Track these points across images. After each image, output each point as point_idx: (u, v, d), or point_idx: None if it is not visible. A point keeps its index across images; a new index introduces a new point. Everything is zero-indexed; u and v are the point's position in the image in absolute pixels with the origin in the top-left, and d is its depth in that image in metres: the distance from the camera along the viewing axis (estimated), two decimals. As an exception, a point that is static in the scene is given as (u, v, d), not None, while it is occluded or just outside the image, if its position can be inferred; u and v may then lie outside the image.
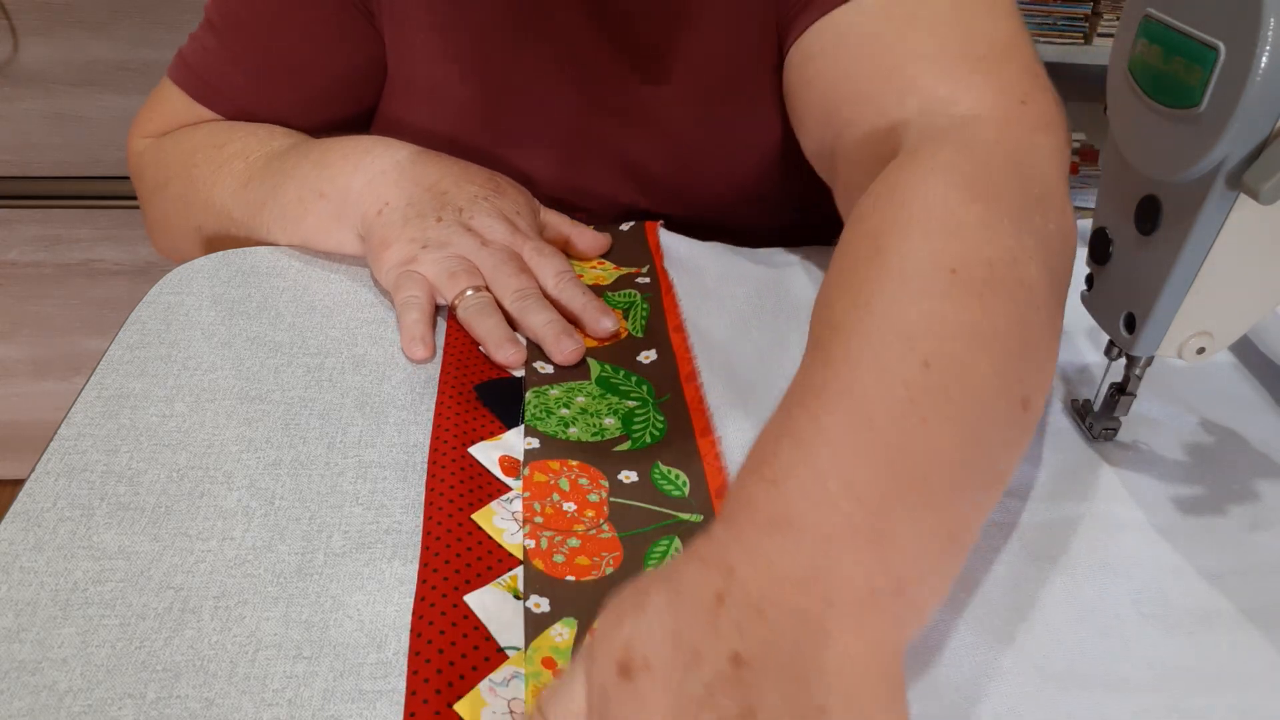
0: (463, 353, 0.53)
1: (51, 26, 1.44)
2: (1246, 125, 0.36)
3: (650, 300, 0.59)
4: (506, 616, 0.38)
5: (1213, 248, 0.40)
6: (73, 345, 1.71)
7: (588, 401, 0.51)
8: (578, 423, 0.49)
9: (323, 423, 0.49)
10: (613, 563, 0.41)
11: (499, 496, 0.44)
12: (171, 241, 0.71)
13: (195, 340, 0.55)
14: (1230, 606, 0.42)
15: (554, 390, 0.51)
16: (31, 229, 1.61)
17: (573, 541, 0.42)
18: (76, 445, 0.47)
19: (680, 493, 0.45)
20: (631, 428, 0.49)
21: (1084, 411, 0.51)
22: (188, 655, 0.38)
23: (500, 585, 0.40)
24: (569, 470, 0.46)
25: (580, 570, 0.41)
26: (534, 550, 0.41)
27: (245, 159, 0.65)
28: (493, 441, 0.47)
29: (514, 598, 0.39)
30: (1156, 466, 0.49)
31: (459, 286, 0.55)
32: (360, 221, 0.59)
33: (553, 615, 0.39)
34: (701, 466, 0.47)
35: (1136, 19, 0.41)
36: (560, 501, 0.44)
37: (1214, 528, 0.46)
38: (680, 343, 0.55)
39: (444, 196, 0.58)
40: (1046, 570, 0.43)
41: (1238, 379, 0.56)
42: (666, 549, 0.42)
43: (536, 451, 0.47)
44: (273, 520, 0.44)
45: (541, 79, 0.67)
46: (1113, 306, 0.46)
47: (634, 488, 0.45)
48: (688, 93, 0.67)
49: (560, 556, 0.41)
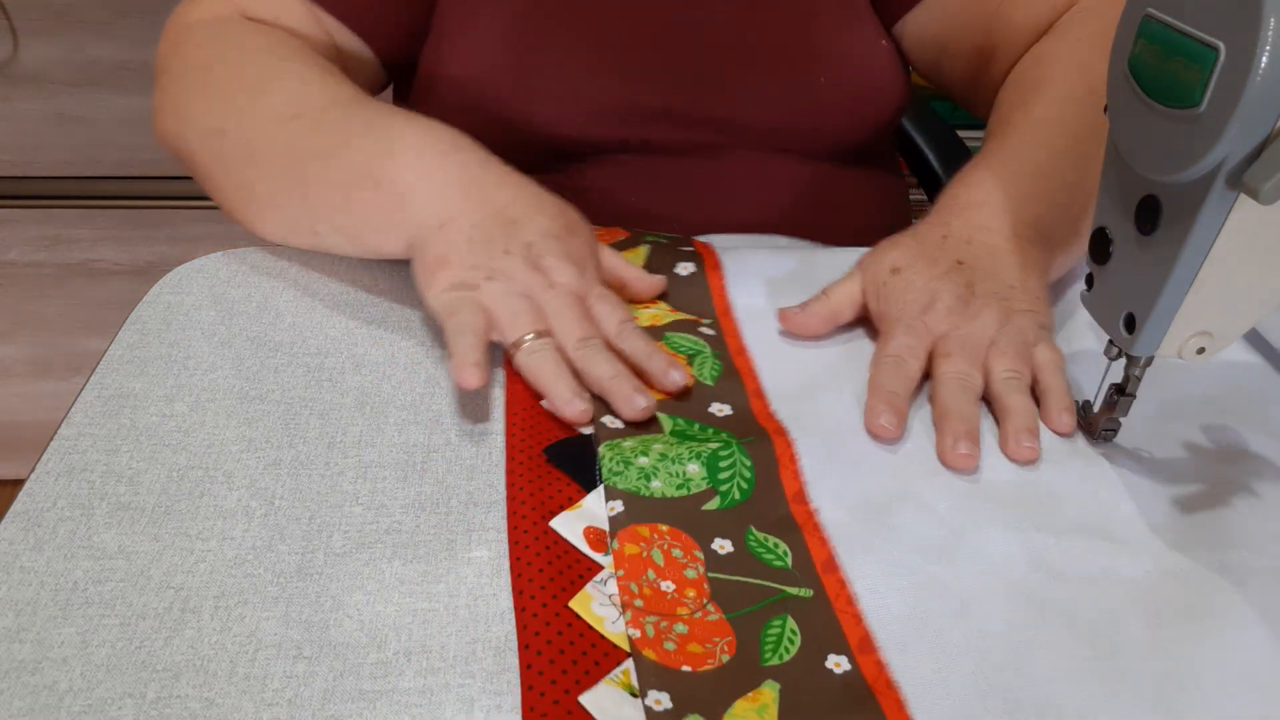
0: (526, 413, 0.51)
1: (51, 26, 1.44)
2: (1246, 125, 0.36)
3: (720, 357, 0.55)
4: (627, 716, 0.36)
5: (1213, 248, 0.40)
6: (73, 345, 1.71)
7: (666, 448, 0.48)
8: (659, 473, 0.46)
9: (323, 423, 0.49)
10: (727, 649, 0.39)
11: (591, 578, 0.42)
12: (177, 127, 0.64)
13: (195, 340, 0.55)
14: (1246, 604, 0.42)
15: (628, 442, 0.48)
16: (31, 229, 1.60)
17: (680, 627, 0.40)
18: (76, 445, 0.47)
19: (783, 563, 0.43)
20: (719, 478, 0.47)
21: (1084, 412, 0.51)
22: (188, 655, 0.38)
23: (613, 682, 0.38)
24: (660, 538, 0.43)
25: (695, 660, 0.38)
26: (641, 639, 0.39)
27: (303, 84, 0.61)
28: (574, 511, 0.45)
29: (630, 695, 0.37)
30: (1156, 467, 0.49)
31: (522, 329, 0.52)
32: (417, 230, 0.55)
33: (676, 712, 0.36)
34: (802, 537, 0.44)
35: (1136, 19, 0.41)
36: (657, 580, 0.42)
37: (1213, 527, 0.46)
38: (761, 408, 0.52)
39: (513, 226, 0.55)
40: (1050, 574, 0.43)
41: (1239, 379, 0.56)
42: (780, 631, 0.40)
43: (621, 517, 0.44)
44: (273, 520, 0.44)
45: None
46: (1113, 306, 0.45)
47: (731, 559, 0.43)
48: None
49: (671, 644, 0.39)
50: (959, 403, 0.51)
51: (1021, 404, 0.51)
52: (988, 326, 0.53)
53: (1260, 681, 0.39)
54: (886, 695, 0.37)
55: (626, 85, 0.71)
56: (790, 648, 0.39)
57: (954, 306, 0.54)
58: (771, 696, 0.37)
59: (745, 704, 0.37)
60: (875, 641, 0.39)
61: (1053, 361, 0.53)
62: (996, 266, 0.56)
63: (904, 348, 0.53)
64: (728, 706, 0.37)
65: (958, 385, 0.51)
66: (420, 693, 0.37)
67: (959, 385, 0.51)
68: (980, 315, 0.54)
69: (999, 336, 0.53)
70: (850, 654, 0.39)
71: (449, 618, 0.40)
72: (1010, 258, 0.56)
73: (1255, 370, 0.57)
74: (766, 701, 0.37)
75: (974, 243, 0.57)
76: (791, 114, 0.73)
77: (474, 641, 0.39)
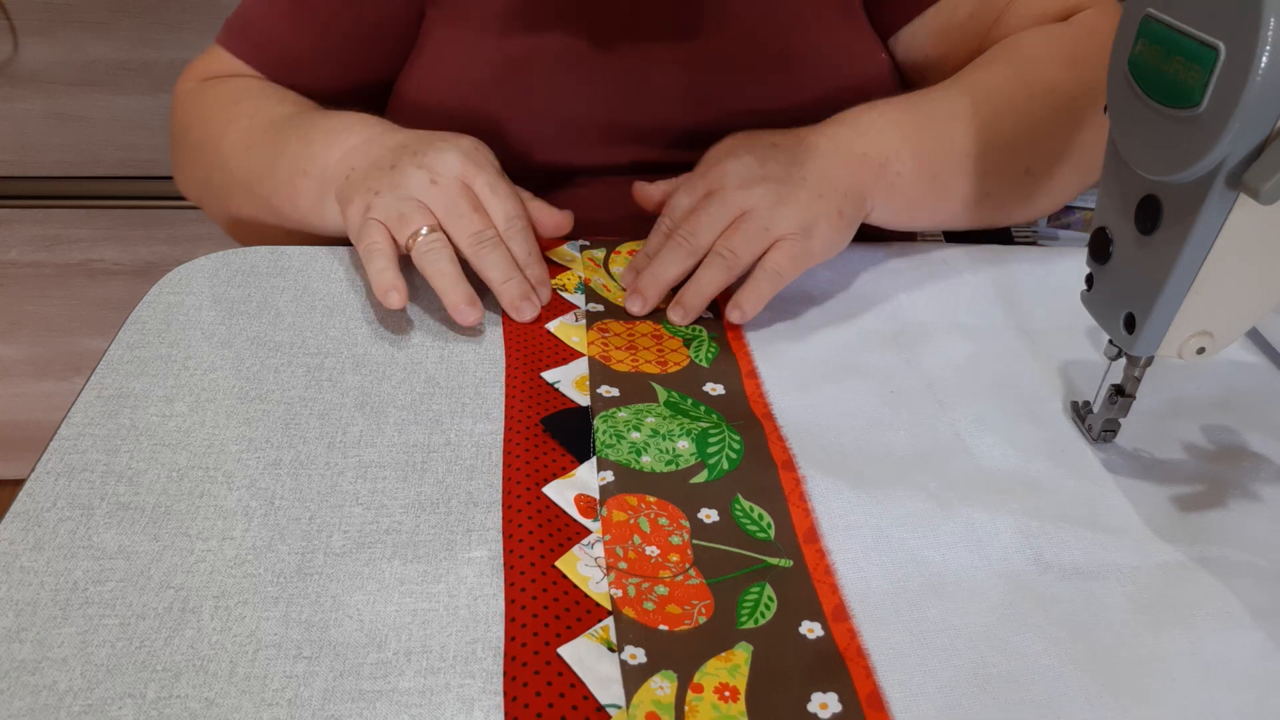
0: (526, 380, 0.52)
1: (51, 26, 1.44)
2: (1246, 125, 0.36)
3: (718, 340, 0.56)
4: (603, 670, 0.38)
5: (1213, 248, 0.40)
6: (73, 345, 1.70)
7: (658, 422, 0.49)
8: (650, 449, 0.48)
9: (323, 423, 0.49)
10: (704, 611, 0.40)
11: (579, 541, 0.43)
12: (187, 186, 0.74)
13: (195, 340, 0.55)
14: (1236, 600, 0.42)
15: (622, 413, 0.50)
16: (31, 229, 1.60)
17: (660, 589, 0.41)
18: (76, 445, 0.47)
19: (765, 534, 0.44)
20: (707, 452, 0.48)
21: (1084, 413, 0.51)
22: (188, 655, 0.38)
23: (592, 637, 0.39)
24: (647, 508, 0.45)
25: (672, 620, 0.40)
26: (622, 599, 0.40)
27: (251, 119, 0.66)
28: (566, 479, 0.46)
29: (608, 649, 0.38)
30: (1152, 464, 0.50)
31: (410, 227, 0.54)
32: (335, 191, 0.59)
33: (650, 667, 0.38)
34: (786, 506, 0.45)
35: (1136, 19, 0.41)
36: (642, 545, 0.43)
37: (1202, 523, 0.46)
38: (754, 389, 0.53)
39: (401, 148, 0.58)
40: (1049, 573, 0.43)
41: (1239, 379, 0.56)
42: (758, 597, 0.41)
43: (611, 486, 0.46)
44: (273, 520, 0.44)
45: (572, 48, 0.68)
46: (1113, 306, 0.46)
47: (716, 528, 0.44)
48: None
49: (650, 604, 0.40)
50: (660, 261, 0.57)
51: (704, 279, 0.56)
52: (751, 199, 0.56)
53: (1234, 673, 0.39)
54: (856, 663, 0.38)
55: (615, 106, 0.70)
56: (766, 613, 0.40)
57: (738, 175, 0.57)
58: (744, 658, 0.38)
59: (718, 663, 0.38)
60: (849, 610, 0.40)
61: (774, 264, 0.56)
62: (803, 159, 0.58)
63: (678, 206, 0.59)
64: (700, 665, 0.38)
65: (675, 241, 0.57)
66: (420, 693, 0.37)
67: (676, 242, 0.57)
68: (752, 189, 0.56)
69: (749, 219, 0.56)
70: (824, 621, 0.40)
71: (449, 618, 0.40)
72: (826, 162, 0.58)
73: (1255, 370, 0.57)
74: (739, 662, 0.38)
75: (802, 137, 0.60)
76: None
77: (474, 641, 0.39)
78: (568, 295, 0.59)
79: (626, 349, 0.55)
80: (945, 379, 0.55)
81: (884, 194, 0.60)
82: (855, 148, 0.60)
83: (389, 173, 0.56)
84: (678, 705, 0.36)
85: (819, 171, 0.58)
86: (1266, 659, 0.40)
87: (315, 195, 0.61)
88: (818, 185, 0.57)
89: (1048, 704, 0.37)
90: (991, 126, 0.62)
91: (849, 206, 0.59)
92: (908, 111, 0.63)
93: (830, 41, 0.71)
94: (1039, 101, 0.63)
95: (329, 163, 0.60)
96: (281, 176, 0.62)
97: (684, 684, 0.37)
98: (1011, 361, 0.56)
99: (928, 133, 0.62)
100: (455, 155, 0.57)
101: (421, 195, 0.55)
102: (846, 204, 0.58)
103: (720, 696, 0.37)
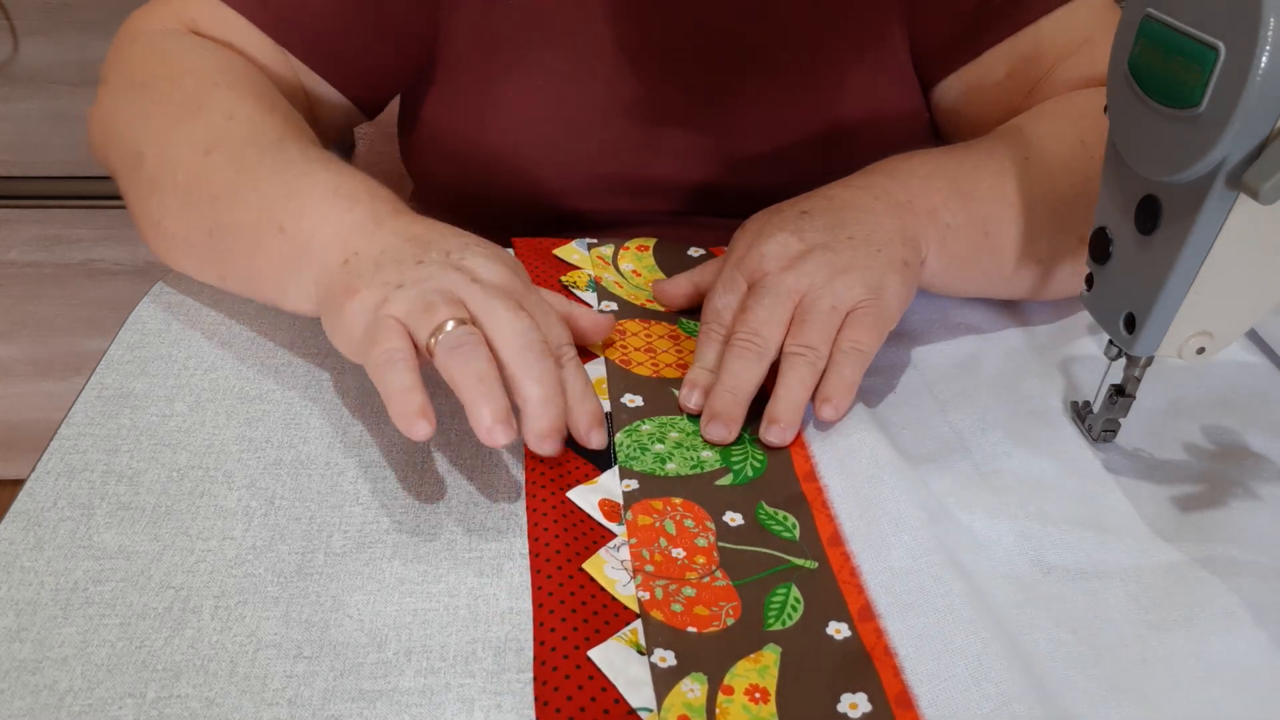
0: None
1: (51, 26, 1.44)
2: (1246, 125, 0.36)
3: None
4: (633, 673, 0.37)
5: (1213, 248, 0.40)
6: (73, 345, 1.70)
7: (682, 436, 0.49)
8: (674, 457, 0.47)
9: (323, 423, 0.49)
10: (732, 613, 0.40)
11: (605, 544, 0.43)
12: (104, 142, 0.59)
13: (195, 340, 0.55)
14: (1238, 600, 0.42)
15: (646, 425, 0.49)
16: (31, 229, 1.60)
17: (688, 590, 0.41)
18: (76, 445, 0.47)
19: (791, 535, 0.44)
20: (731, 459, 0.48)
21: (1084, 413, 0.51)
22: (188, 655, 0.38)
23: (622, 639, 0.39)
24: (673, 510, 0.45)
25: (701, 622, 0.40)
26: (650, 601, 0.40)
27: (227, 119, 0.53)
28: (589, 485, 0.46)
29: (637, 652, 0.38)
30: (1153, 464, 0.49)
31: (435, 319, 0.43)
32: (321, 272, 0.47)
33: (680, 670, 0.38)
34: (810, 513, 0.45)
35: (1136, 19, 0.41)
36: (668, 547, 0.43)
37: (1204, 522, 0.46)
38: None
39: (428, 243, 0.47)
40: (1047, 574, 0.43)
41: (1239, 379, 0.56)
42: (785, 598, 0.41)
43: (636, 493, 0.45)
44: (273, 520, 0.44)
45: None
46: (1113, 306, 0.46)
47: (741, 531, 0.44)
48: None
49: (678, 605, 0.40)
50: (730, 374, 0.49)
51: (792, 385, 0.48)
52: (805, 277, 0.50)
53: (1237, 672, 0.39)
54: (884, 662, 0.38)
55: (630, 161, 0.68)
56: (793, 614, 0.40)
57: (780, 257, 0.51)
58: (773, 659, 0.38)
59: (747, 664, 0.38)
60: (875, 609, 0.40)
61: (851, 342, 0.49)
62: (845, 219, 0.52)
63: (725, 306, 0.52)
64: (730, 667, 0.38)
65: (740, 347, 0.49)
66: (420, 693, 0.37)
67: (741, 347, 0.49)
68: (802, 267, 0.50)
69: (812, 302, 0.49)
70: (851, 621, 0.40)
71: (449, 618, 0.40)
72: (870, 215, 0.52)
73: (1255, 370, 0.57)
74: (768, 663, 0.38)
75: (832, 196, 0.54)
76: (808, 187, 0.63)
77: (474, 641, 0.39)
78: (579, 293, 0.59)
79: (645, 350, 0.55)
80: (945, 379, 0.55)
81: (937, 245, 0.54)
82: (898, 196, 0.54)
83: (414, 267, 0.45)
84: (709, 707, 0.36)
85: (867, 226, 0.52)
86: (1269, 658, 0.40)
87: (284, 263, 0.49)
88: (870, 240, 0.51)
89: (1051, 703, 0.37)
90: (1045, 185, 0.56)
91: (910, 254, 0.52)
92: (953, 160, 0.57)
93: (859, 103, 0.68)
94: (1099, 165, 0.53)
95: (317, 234, 0.48)
96: (245, 217, 0.50)
97: (714, 686, 0.37)
98: (1012, 361, 0.56)
99: (978, 185, 0.55)
100: (499, 265, 0.47)
101: (458, 290, 0.45)
102: (908, 251, 0.52)
103: (751, 698, 0.37)
